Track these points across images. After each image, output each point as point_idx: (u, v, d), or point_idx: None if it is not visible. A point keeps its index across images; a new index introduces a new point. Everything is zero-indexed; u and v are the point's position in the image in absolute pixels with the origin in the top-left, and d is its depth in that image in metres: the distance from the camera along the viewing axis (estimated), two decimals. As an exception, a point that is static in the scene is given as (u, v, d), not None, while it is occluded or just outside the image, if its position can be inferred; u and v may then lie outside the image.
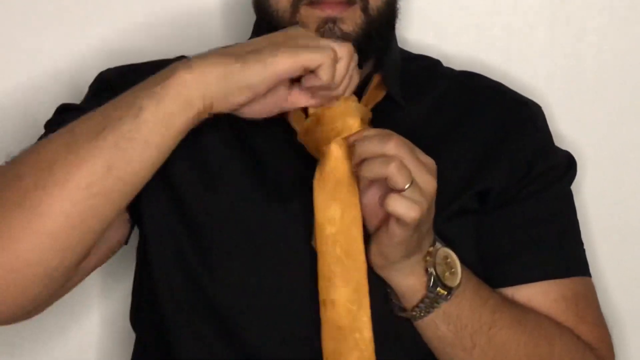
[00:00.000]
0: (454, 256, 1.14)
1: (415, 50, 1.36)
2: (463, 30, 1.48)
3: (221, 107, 1.07)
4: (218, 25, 1.47)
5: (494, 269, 1.21)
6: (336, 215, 1.10)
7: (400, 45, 1.31)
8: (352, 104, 1.12)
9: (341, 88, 1.10)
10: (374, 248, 1.11)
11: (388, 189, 1.06)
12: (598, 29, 1.48)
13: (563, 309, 1.21)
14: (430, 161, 1.08)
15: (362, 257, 1.11)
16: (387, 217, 1.08)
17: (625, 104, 1.49)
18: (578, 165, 1.29)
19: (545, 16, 1.48)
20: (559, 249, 1.23)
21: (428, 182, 1.06)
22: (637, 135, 1.49)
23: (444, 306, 1.13)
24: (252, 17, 1.28)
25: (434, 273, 1.12)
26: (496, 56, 1.48)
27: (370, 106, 1.19)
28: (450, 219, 1.18)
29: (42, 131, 1.23)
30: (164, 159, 1.08)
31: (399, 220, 1.05)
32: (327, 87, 1.08)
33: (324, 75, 1.06)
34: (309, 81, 1.08)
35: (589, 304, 1.24)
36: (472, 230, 1.21)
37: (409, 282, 1.12)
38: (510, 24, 1.49)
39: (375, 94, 1.22)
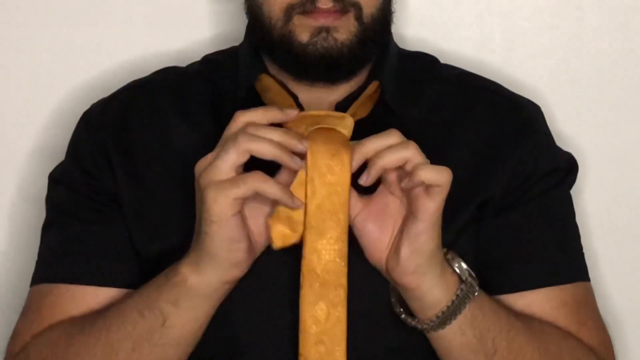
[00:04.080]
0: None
1: (413, 48, 1.34)
2: (462, 28, 1.47)
3: (237, 272, 1.09)
4: (206, 29, 1.46)
5: (493, 275, 1.19)
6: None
7: (398, 42, 1.29)
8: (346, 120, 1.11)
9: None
10: (404, 252, 1.08)
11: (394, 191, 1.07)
12: (598, 27, 1.47)
13: (564, 315, 1.20)
14: None
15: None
16: (402, 222, 1.08)
17: (625, 103, 1.48)
18: (579, 165, 1.27)
19: (545, 14, 1.47)
20: (559, 254, 1.22)
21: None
22: (638, 135, 1.48)
23: (471, 307, 1.11)
24: (241, 22, 1.27)
25: (463, 266, 1.12)
26: (496, 54, 1.47)
27: (366, 114, 1.19)
28: (453, 238, 1.17)
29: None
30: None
31: (430, 188, 1.05)
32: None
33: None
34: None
35: (590, 309, 1.23)
36: (472, 242, 1.20)
37: (442, 281, 1.10)
38: (511, 22, 1.48)
39: (369, 102, 1.21)
